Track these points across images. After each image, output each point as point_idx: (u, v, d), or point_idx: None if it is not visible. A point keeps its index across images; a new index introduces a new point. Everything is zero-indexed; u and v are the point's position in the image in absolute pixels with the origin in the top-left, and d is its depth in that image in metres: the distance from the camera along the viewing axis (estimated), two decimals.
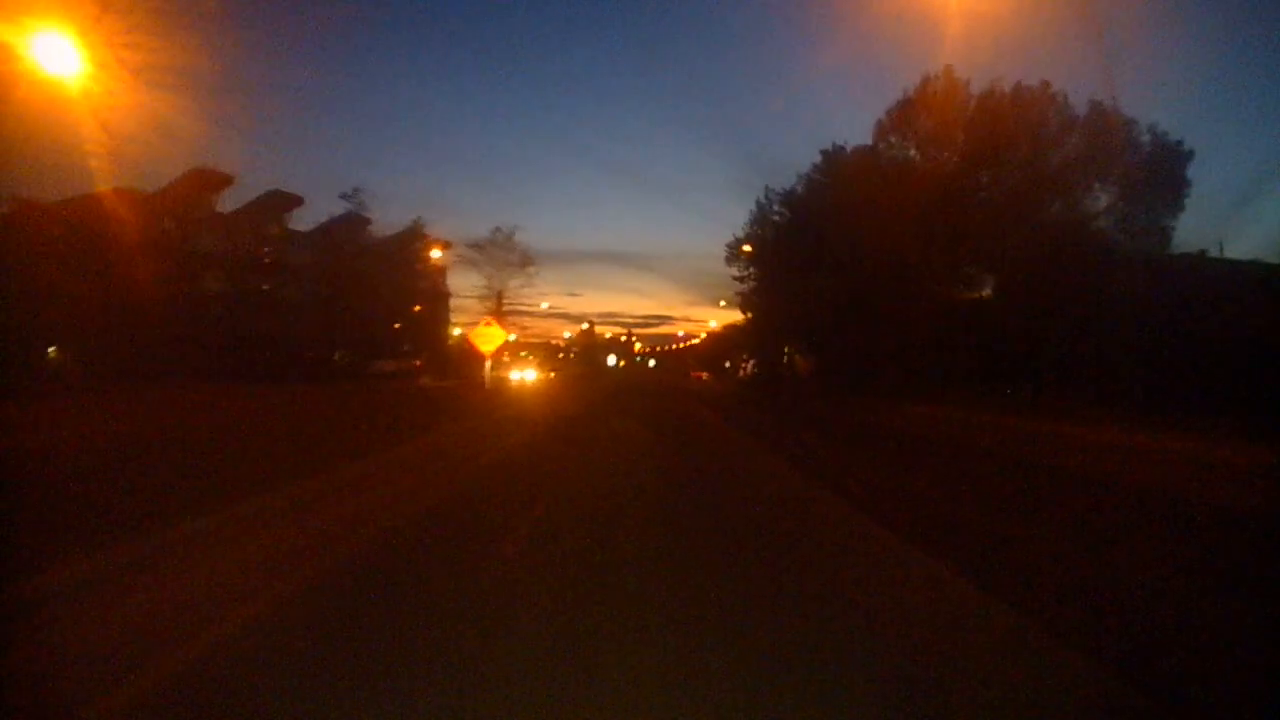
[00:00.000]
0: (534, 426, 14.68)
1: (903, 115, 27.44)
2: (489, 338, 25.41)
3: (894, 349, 27.77)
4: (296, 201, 40.08)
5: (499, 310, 43.38)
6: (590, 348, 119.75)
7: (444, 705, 2.63)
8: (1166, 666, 3.20)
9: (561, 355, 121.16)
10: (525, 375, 40.81)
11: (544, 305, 70.17)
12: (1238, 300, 19.07)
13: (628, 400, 26.44)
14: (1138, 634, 3.60)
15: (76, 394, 21.19)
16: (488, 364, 28.80)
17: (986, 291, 27.54)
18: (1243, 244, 51.59)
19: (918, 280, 26.15)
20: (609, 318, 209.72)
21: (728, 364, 65.80)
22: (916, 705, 2.72)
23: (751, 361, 42.52)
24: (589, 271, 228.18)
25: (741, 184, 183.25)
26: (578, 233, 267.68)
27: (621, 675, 2.88)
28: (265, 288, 39.45)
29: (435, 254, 47.75)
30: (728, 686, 2.80)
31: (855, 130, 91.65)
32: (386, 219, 52.92)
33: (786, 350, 38.30)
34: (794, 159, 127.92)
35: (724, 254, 41.11)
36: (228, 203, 38.25)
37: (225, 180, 36.49)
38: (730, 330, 75.72)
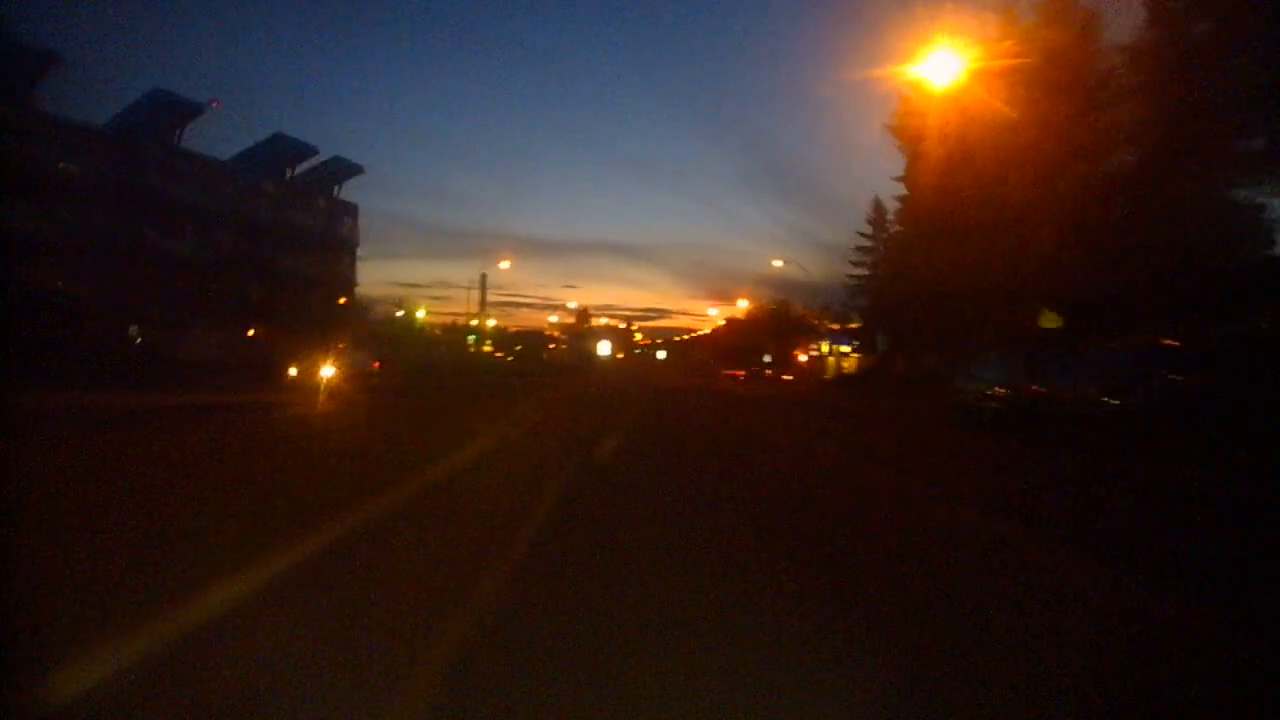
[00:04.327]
0: None
1: None
2: None
3: None
4: (47, 60, 23.02)
5: None
6: (580, 335, 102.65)
7: None
8: None
9: (552, 345, 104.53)
10: (325, 373, 19.97)
11: (503, 265, 53.74)
12: None
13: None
14: None
15: None
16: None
17: None
18: None
19: None
20: (606, 309, 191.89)
21: (767, 358, 48.32)
22: None
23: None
24: (586, 263, 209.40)
25: (741, 175, 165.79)
26: (575, 223, 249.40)
27: None
28: None
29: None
30: None
31: (864, 126, 77.29)
32: (386, 206, 36.68)
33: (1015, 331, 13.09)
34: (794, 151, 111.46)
35: (722, 245, 22.22)
36: None
37: None
38: (759, 314, 58.64)
